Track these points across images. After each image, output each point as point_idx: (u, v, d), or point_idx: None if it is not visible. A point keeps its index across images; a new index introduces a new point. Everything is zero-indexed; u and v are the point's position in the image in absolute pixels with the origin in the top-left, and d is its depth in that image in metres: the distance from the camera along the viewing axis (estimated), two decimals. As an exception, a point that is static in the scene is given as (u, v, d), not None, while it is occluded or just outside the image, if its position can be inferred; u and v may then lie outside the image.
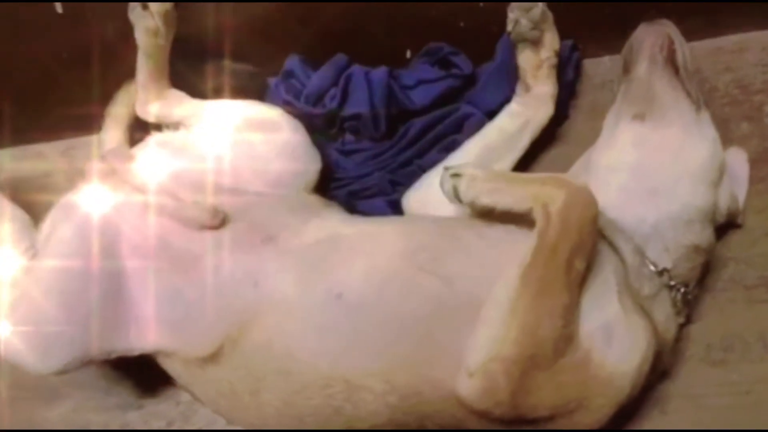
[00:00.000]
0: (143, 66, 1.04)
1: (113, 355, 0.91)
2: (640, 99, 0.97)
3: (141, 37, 1.02)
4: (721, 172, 0.97)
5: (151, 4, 1.00)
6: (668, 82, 0.97)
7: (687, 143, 0.95)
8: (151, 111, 1.06)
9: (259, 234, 0.91)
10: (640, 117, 0.96)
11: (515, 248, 0.84)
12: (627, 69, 1.00)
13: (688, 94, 0.97)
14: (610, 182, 0.93)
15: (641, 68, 0.98)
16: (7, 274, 0.93)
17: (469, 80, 1.11)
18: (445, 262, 0.86)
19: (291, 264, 0.89)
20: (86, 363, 0.90)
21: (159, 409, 1.03)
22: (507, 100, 1.07)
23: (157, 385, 1.04)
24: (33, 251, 0.95)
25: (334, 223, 0.95)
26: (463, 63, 1.10)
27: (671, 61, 0.98)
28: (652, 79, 0.97)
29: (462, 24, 1.10)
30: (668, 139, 0.94)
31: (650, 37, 0.98)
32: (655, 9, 1.03)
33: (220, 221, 0.92)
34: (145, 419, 1.02)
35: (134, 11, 1.01)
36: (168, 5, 1.01)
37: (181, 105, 1.05)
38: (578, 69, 1.14)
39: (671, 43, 0.98)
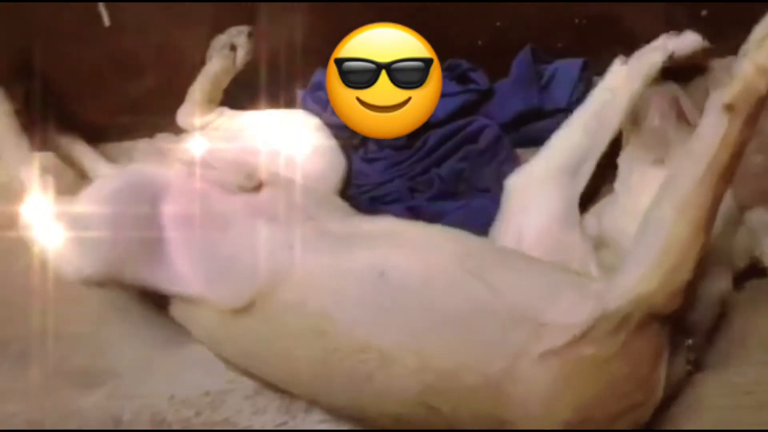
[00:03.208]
0: (203, 88, 1.10)
1: (145, 286, 0.94)
2: (656, 146, 1.01)
3: (214, 71, 1.09)
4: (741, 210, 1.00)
5: (239, 51, 1.08)
6: (681, 129, 1.02)
7: None
8: (195, 124, 1.12)
9: (298, 213, 0.95)
10: (659, 162, 1.00)
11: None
12: (636, 121, 1.05)
13: None
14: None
15: (654, 120, 1.03)
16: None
17: (486, 95, 1.16)
18: (492, 273, 0.87)
19: (332, 240, 0.91)
20: (117, 283, 0.94)
21: (188, 399, 1.06)
22: (520, 112, 1.13)
23: (187, 375, 1.08)
24: None
25: (376, 220, 0.98)
26: (481, 78, 1.15)
27: (681, 114, 1.04)
28: (666, 128, 1.02)
29: (480, 42, 1.16)
30: None
31: (657, 95, 1.04)
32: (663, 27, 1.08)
33: (257, 183, 0.97)
34: (175, 408, 1.06)
35: (221, 51, 1.08)
36: (251, 55, 1.08)
37: (221, 116, 1.12)
38: (588, 84, 1.17)
39: (677, 100, 1.04)
